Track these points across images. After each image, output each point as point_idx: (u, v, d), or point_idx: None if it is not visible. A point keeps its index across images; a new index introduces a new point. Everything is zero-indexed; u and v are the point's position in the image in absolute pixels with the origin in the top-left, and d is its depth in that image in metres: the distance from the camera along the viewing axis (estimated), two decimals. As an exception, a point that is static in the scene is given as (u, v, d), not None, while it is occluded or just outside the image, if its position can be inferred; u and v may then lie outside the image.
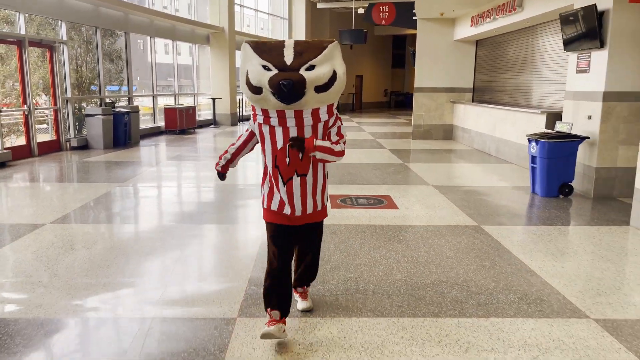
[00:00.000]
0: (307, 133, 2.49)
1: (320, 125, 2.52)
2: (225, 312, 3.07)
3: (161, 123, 13.98)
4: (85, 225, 4.99)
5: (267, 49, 2.45)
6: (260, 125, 2.55)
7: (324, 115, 2.50)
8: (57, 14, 9.86)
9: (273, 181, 2.61)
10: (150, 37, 13.51)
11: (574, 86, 6.65)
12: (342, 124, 2.66)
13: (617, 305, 3.23)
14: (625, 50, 5.92)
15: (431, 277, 3.63)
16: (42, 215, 5.22)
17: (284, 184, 2.58)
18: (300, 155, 2.52)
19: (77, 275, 3.63)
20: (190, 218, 5.29)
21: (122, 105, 11.93)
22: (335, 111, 2.60)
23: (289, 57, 2.40)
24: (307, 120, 2.46)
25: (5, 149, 8.47)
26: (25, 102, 9.05)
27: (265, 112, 2.49)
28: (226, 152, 2.88)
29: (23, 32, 8.95)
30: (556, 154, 6.21)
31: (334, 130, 2.61)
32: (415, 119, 12.87)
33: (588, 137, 6.22)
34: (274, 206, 2.64)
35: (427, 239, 4.55)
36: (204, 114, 16.82)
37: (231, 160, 2.89)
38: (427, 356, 2.58)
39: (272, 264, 2.71)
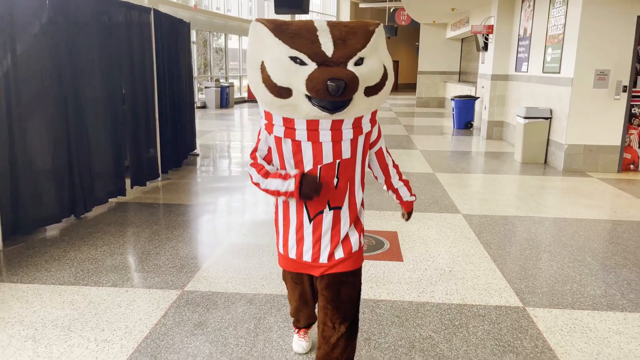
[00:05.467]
0: (345, 150, 1.80)
1: (361, 139, 1.85)
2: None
3: (245, 94, 20.36)
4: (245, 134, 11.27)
5: (294, 33, 1.68)
6: (279, 139, 1.82)
7: (366, 126, 1.84)
8: (191, 24, 16.24)
9: (293, 217, 1.91)
10: (239, 36, 19.84)
11: (480, 70, 12.23)
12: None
13: (430, 146, 9.02)
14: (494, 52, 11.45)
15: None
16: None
17: (310, 220, 1.88)
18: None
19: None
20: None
21: (223, 81, 18.34)
22: (376, 119, 1.94)
23: (327, 46, 1.67)
24: (347, 133, 1.77)
25: (168, 104, 15.02)
26: (175, 78, 15.54)
27: (289, 123, 1.75)
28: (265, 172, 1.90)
29: (175, 37, 15.39)
30: (463, 106, 11.88)
31: (383, 146, 2.03)
32: (419, 93, 18.52)
33: (479, 97, 11.83)
34: (292, 254, 1.96)
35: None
36: (272, 90, 23.04)
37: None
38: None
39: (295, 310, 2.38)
